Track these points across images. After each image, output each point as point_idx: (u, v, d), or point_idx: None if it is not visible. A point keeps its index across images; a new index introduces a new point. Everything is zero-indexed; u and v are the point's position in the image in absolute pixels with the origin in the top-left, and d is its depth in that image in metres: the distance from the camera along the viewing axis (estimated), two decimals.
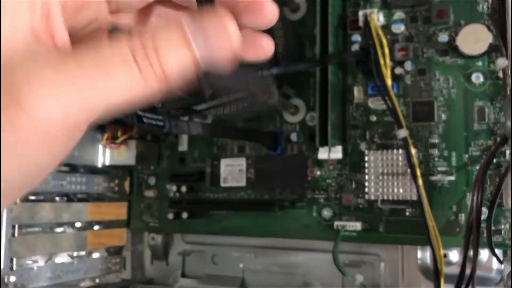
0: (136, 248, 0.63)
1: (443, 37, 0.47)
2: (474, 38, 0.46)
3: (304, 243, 0.55)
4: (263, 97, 0.45)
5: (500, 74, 0.44)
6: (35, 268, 0.49)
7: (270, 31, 0.49)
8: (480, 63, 0.46)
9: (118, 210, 0.62)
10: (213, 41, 0.19)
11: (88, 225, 0.57)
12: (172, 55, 0.19)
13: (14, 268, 0.46)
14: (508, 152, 0.43)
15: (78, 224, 0.56)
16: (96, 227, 0.59)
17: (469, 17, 0.46)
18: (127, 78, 0.19)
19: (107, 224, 0.60)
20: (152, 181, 0.61)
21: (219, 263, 0.60)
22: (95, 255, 0.58)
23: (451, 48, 0.47)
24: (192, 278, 0.61)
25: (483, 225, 0.43)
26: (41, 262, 0.50)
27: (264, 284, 0.57)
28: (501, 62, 0.42)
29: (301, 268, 0.56)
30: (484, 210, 0.43)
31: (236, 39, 0.20)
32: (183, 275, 0.62)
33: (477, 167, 0.45)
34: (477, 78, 0.46)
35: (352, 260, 0.53)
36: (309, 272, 0.55)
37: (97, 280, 0.59)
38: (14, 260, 0.46)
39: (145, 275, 0.64)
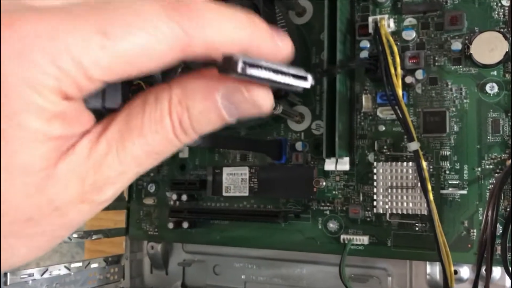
0: (135, 256, 0.62)
1: (456, 45, 0.45)
2: (489, 46, 0.44)
3: (309, 255, 0.53)
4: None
5: None
6: (30, 282, 0.47)
7: None
8: (495, 73, 0.44)
9: (116, 218, 0.61)
10: (244, 110, 0.20)
11: (85, 235, 0.55)
12: (206, 126, 0.20)
13: (8, 283, 0.44)
14: None
15: (75, 234, 0.54)
16: (94, 237, 0.57)
17: (484, 24, 0.45)
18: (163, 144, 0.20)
19: (105, 233, 0.58)
20: (151, 188, 0.59)
21: (220, 273, 0.58)
22: (93, 265, 0.56)
23: (465, 57, 0.45)
24: None
25: (497, 241, 0.41)
26: (36, 275, 0.48)
27: None
28: None
29: (305, 281, 0.54)
30: (498, 226, 0.42)
31: (267, 107, 0.21)
32: (183, 285, 0.60)
33: (491, 181, 0.44)
34: (492, 88, 0.44)
35: (359, 274, 0.51)
36: (313, 285, 0.54)
37: None
38: (8, 274, 0.44)
39: (145, 284, 0.63)
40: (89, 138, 0.19)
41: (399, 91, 0.43)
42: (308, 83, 0.21)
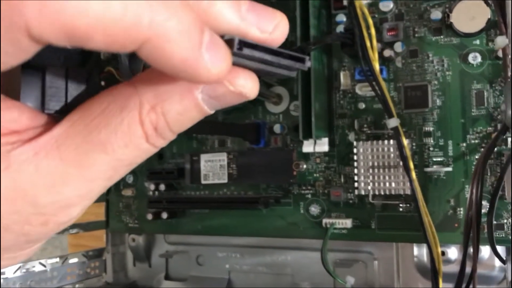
0: (117, 249, 0.60)
1: (436, 14, 0.43)
2: (470, 14, 0.41)
3: (292, 241, 0.51)
4: None
5: (500, 54, 0.39)
6: (1, 280, 0.45)
7: None
8: (477, 42, 0.42)
9: (96, 210, 0.59)
10: (228, 101, 0.18)
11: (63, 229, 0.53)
12: (186, 125, 0.18)
13: None
14: (510, 140, 0.39)
15: None
16: (73, 230, 0.55)
17: None
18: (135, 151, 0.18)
19: (83, 226, 0.56)
20: (130, 179, 0.57)
21: (204, 264, 0.57)
22: (72, 260, 0.54)
23: (445, 26, 0.43)
24: (177, 281, 0.57)
25: (484, 219, 0.39)
26: (8, 273, 0.46)
27: (251, 285, 0.54)
28: (501, 40, 0.38)
29: (289, 268, 0.52)
30: (485, 203, 0.40)
31: (253, 94, 0.19)
32: (167, 277, 0.58)
33: (477, 157, 0.41)
34: (475, 58, 0.42)
35: (344, 258, 0.49)
36: (298, 272, 0.52)
37: (76, 286, 0.55)
38: None
39: (128, 277, 0.61)
40: (34, 148, 0.17)
41: (376, 65, 0.41)
42: (305, 65, 0.19)
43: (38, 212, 0.17)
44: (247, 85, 0.18)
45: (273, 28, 0.18)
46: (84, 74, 0.22)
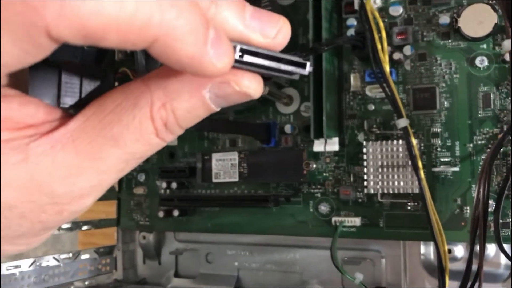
0: (127, 247, 0.61)
1: (444, 19, 0.44)
2: (478, 19, 0.42)
3: (301, 239, 0.52)
4: None
5: (506, 57, 0.41)
6: (17, 273, 0.46)
7: None
8: (484, 46, 0.43)
9: (107, 209, 0.60)
10: (234, 100, 0.19)
11: (74, 226, 0.55)
12: (194, 121, 0.19)
13: None
14: None
15: (66, 225, 0.53)
16: (85, 227, 0.56)
17: None
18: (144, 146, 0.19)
19: (95, 224, 0.57)
20: (141, 177, 0.58)
21: (213, 261, 0.57)
22: (84, 256, 0.55)
23: (453, 31, 0.44)
24: (186, 278, 0.58)
25: (490, 218, 0.40)
26: (24, 267, 0.47)
27: (260, 283, 0.55)
28: (507, 44, 0.39)
29: (298, 266, 0.53)
30: (491, 202, 0.41)
31: (258, 94, 0.20)
32: (177, 274, 0.59)
33: (483, 157, 0.43)
34: (482, 61, 0.43)
35: (352, 256, 0.50)
36: (307, 270, 0.53)
37: (87, 282, 0.56)
38: None
39: (138, 275, 0.62)
40: (51, 141, 0.18)
41: (386, 67, 0.42)
42: (306, 70, 0.20)
43: (53, 202, 0.18)
44: (252, 86, 0.19)
45: (275, 33, 0.19)
46: (99, 71, 0.23)
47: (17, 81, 0.20)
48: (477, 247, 0.39)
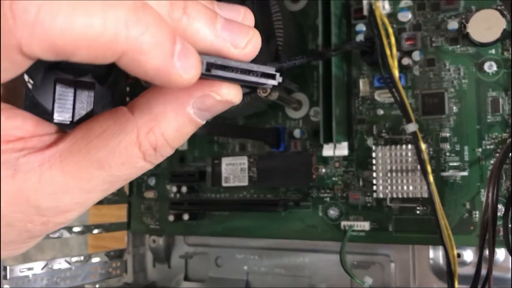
0: (137, 251, 0.62)
1: (453, 25, 0.44)
2: (486, 25, 0.43)
3: (310, 243, 0.53)
4: (264, 92, 0.42)
5: None
6: (30, 275, 0.47)
7: (268, 23, 0.47)
8: (493, 51, 0.43)
9: (118, 213, 0.61)
10: (217, 110, 0.20)
11: (86, 229, 0.55)
12: (183, 139, 0.20)
13: (8, 276, 0.44)
14: None
15: (76, 229, 0.54)
16: (95, 231, 0.57)
17: (480, 2, 0.44)
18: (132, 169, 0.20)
19: (106, 227, 0.58)
20: (152, 181, 0.59)
21: (222, 265, 0.58)
22: (95, 259, 0.56)
23: (462, 36, 0.44)
24: (195, 281, 0.59)
25: (499, 223, 0.40)
26: (36, 269, 0.48)
27: (269, 286, 0.55)
28: None
29: (307, 270, 0.54)
30: (500, 207, 0.41)
31: (239, 99, 0.20)
32: (186, 278, 0.60)
33: (492, 162, 0.43)
34: (490, 67, 0.43)
35: (361, 261, 0.51)
36: (316, 274, 0.53)
37: (97, 285, 0.57)
38: (8, 268, 0.44)
39: (148, 278, 0.62)
40: (40, 160, 0.19)
41: (396, 72, 0.42)
42: (275, 81, 0.20)
43: (39, 214, 0.19)
44: (231, 92, 0.20)
45: (245, 43, 0.19)
46: (92, 85, 0.23)
47: (13, 92, 0.21)
48: (486, 252, 0.39)
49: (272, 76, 0.20)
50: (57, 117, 0.22)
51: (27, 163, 0.18)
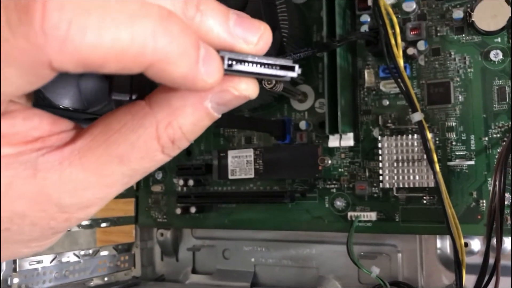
0: (145, 244, 0.62)
1: (458, 14, 0.44)
2: (492, 13, 0.43)
3: (317, 235, 0.53)
4: (269, 84, 0.43)
5: None
6: (39, 268, 0.47)
7: (273, 16, 0.47)
8: (498, 40, 0.43)
9: (125, 207, 0.61)
10: (234, 104, 0.20)
11: (94, 223, 0.56)
12: (200, 131, 0.20)
13: (17, 269, 0.45)
14: None
15: (85, 223, 0.54)
16: (103, 225, 0.57)
17: None
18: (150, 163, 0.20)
19: (114, 221, 0.58)
20: (159, 175, 0.59)
21: (230, 257, 0.58)
22: (103, 253, 0.56)
23: (467, 25, 0.44)
24: (203, 274, 0.59)
25: (507, 211, 0.40)
26: (46, 262, 0.48)
27: (277, 278, 0.55)
28: None
29: (314, 261, 0.54)
30: (507, 195, 0.41)
31: (255, 94, 0.20)
32: (194, 271, 0.60)
33: (498, 150, 0.43)
34: (496, 55, 0.43)
35: (368, 251, 0.51)
36: (323, 265, 0.53)
37: (106, 279, 0.57)
38: (17, 261, 0.45)
39: (156, 272, 0.63)
40: (59, 158, 0.19)
41: (401, 62, 0.42)
42: (294, 73, 0.21)
43: (62, 211, 0.19)
44: (249, 88, 0.20)
45: (257, 39, 0.20)
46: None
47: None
48: (494, 241, 0.39)
49: (292, 68, 0.20)
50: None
51: (47, 162, 0.19)
